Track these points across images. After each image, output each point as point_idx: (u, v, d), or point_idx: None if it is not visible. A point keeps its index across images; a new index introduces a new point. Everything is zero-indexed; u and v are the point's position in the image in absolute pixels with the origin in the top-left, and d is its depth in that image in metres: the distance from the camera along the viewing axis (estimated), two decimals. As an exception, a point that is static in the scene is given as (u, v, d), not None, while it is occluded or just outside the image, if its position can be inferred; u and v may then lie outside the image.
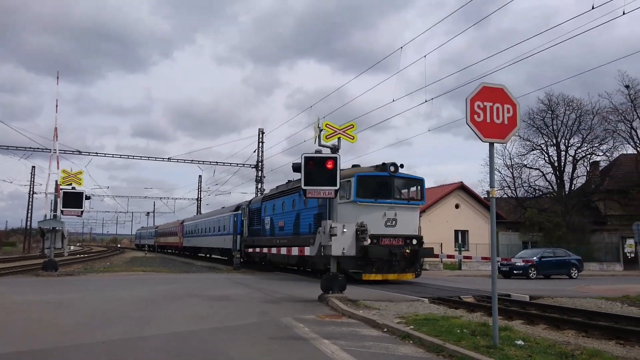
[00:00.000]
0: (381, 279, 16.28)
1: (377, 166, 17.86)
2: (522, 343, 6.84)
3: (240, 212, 28.85)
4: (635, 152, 38.03)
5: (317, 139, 12.38)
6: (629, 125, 37.35)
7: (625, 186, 37.54)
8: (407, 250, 16.55)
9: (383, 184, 17.32)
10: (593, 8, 12.05)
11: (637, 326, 8.92)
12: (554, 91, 39.85)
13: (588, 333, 8.44)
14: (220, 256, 35.51)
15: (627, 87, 36.41)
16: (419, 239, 17.41)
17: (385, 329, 8.13)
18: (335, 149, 12.32)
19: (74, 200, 20.17)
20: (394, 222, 16.74)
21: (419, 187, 18.12)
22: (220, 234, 33.40)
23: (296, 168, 12.03)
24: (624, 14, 11.94)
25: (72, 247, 63.37)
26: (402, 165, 17.39)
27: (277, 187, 24.39)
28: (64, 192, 20.11)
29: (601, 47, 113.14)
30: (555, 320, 9.43)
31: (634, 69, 79.54)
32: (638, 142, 37.44)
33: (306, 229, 19.39)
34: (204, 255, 42.19)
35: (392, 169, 17.17)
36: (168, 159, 44.94)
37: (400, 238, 16.79)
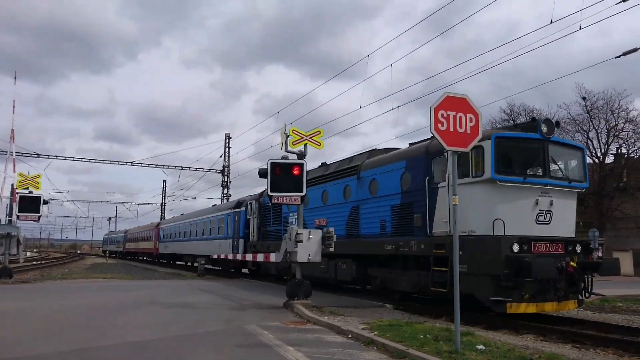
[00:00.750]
0: (535, 311, 9.72)
1: (516, 125, 11.73)
2: (483, 347, 6.98)
3: (243, 209, 23.34)
4: (592, 162, 39.57)
5: (283, 144, 12.38)
6: (585, 136, 38.84)
7: (581, 194, 38.96)
8: (573, 263, 9.86)
9: (533, 152, 10.65)
10: (551, 22, 12.54)
11: (592, 330, 9.25)
12: (516, 101, 41.13)
13: (546, 337, 8.69)
14: (212, 266, 28.42)
15: (584, 98, 37.88)
16: (586, 244, 10.77)
17: (350, 335, 8.15)
18: (301, 155, 12.33)
19: (31, 204, 19.46)
20: (548, 215, 10.26)
21: (579, 161, 11.44)
22: (213, 238, 27.39)
23: (262, 174, 11.98)
24: (580, 28, 12.45)
25: (28, 254, 61.04)
26: (557, 124, 11.13)
27: (309, 171, 14.54)
28: (20, 196, 19.38)
29: (561, 60, 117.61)
30: (515, 325, 9.66)
31: (591, 81, 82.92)
32: (594, 152, 38.97)
33: (374, 229, 13.36)
34: (185, 263, 36.04)
35: (545, 129, 10.45)
36: (131, 162, 43.98)
37: (560, 242, 10.27)
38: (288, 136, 12.28)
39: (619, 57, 13.52)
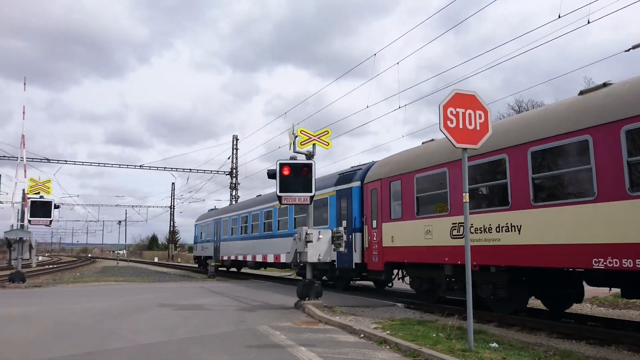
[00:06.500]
0: None
1: None
2: (497, 346, 6.93)
3: None
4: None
5: (291, 145, 12.36)
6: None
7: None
8: None
9: None
10: (559, 17, 12.43)
11: (606, 326, 9.15)
12: (525, 97, 40.93)
13: (559, 334, 8.60)
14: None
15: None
16: None
17: (362, 335, 8.13)
18: (310, 155, 12.31)
19: (42, 209, 19.69)
20: None
21: None
22: None
23: (271, 175, 11.97)
24: (589, 22, 12.32)
25: (40, 258, 61.61)
26: None
27: None
28: (31, 201, 19.57)
29: (574, 53, 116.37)
30: (527, 322, 9.58)
31: (603, 74, 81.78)
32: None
33: None
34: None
35: None
36: (140, 166, 44.28)
37: None
38: (296, 136, 12.26)
39: (628, 50, 13.36)
